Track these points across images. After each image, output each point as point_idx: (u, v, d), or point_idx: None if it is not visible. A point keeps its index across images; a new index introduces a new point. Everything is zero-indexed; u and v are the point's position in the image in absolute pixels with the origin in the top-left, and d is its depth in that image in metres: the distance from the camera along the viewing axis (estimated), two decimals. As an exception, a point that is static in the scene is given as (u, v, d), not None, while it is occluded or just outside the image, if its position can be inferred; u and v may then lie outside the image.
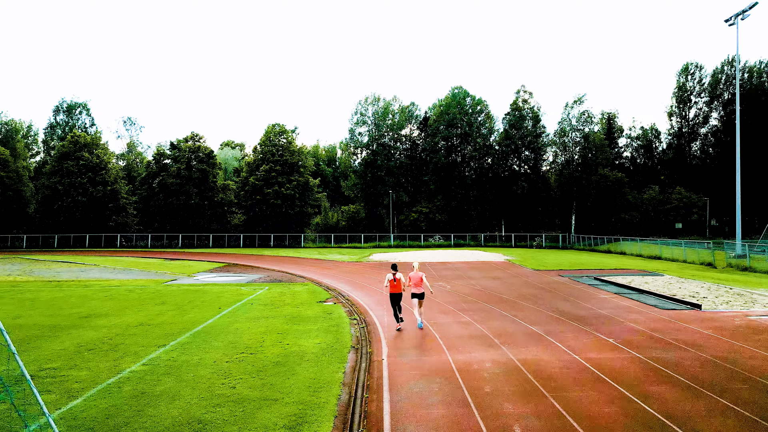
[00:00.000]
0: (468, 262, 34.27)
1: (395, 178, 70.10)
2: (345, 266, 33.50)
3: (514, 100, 71.71)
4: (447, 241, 60.02)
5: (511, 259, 36.56)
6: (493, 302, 18.31)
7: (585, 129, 69.53)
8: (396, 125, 71.75)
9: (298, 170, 62.50)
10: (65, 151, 58.27)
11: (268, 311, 16.70)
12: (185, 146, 60.12)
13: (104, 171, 58.39)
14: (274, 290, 21.96)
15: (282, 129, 63.04)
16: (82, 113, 70.85)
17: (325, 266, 33.71)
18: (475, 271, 29.16)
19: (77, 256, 42.73)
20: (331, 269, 31.57)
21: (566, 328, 13.79)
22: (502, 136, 71.61)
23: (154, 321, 14.98)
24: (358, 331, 13.85)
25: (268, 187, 59.34)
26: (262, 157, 61.93)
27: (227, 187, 63.65)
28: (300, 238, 60.08)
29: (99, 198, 57.34)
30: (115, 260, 38.55)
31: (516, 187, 67.94)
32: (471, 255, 39.19)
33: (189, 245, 58.10)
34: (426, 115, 76.61)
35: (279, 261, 38.52)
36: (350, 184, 72.95)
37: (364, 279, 26.25)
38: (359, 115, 72.68)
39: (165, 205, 58.68)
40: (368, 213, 71.78)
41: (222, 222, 62.28)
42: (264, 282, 25.06)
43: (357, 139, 72.75)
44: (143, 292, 21.28)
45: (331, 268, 31.97)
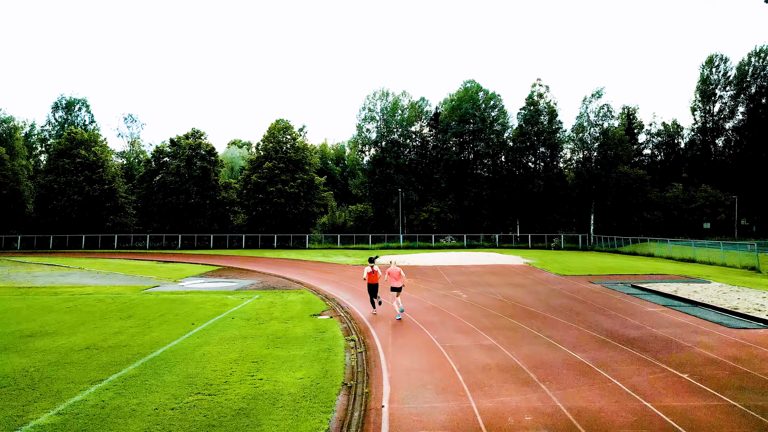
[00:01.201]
0: (484, 266, 31.24)
1: (405, 176, 67.17)
2: (349, 270, 30.63)
3: (530, 95, 68.56)
4: (459, 242, 56.96)
5: (531, 263, 33.45)
6: (519, 317, 15.34)
7: (604, 124, 66.13)
8: (405, 121, 68.80)
9: (303, 168, 59.77)
10: (61, 149, 56.09)
11: (249, 328, 13.89)
12: (185, 143, 57.66)
13: (101, 169, 56.08)
14: (264, 299, 19.17)
15: (286, 125, 60.36)
16: (82, 110, 68.86)
17: (327, 270, 30.88)
18: (494, 277, 26.15)
19: (66, 259, 40.34)
20: (333, 274, 28.73)
21: (619, 356, 10.81)
22: (516, 132, 68.43)
23: (107, 342, 12.22)
24: (354, 358, 10.98)
25: (271, 186, 56.68)
26: (266, 154, 59.29)
27: (229, 186, 61.13)
28: (305, 238, 57.38)
29: (95, 197, 55.04)
30: (104, 263, 36.05)
31: (532, 186, 64.71)
32: (486, 257, 36.17)
33: (189, 246, 55.62)
34: (437, 110, 73.62)
35: (278, 264, 35.78)
36: (358, 183, 70.12)
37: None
38: (367, 110, 69.85)
39: (164, 205, 56.26)
40: (376, 212, 68.92)
41: (223, 222, 59.76)
42: (255, 289, 22.28)
43: (365, 135, 69.92)
44: (114, 302, 18.59)
45: (334, 273, 29.14)
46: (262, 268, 31.91)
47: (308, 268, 32.01)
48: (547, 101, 68.33)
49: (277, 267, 33.21)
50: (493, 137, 68.05)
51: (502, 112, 69.80)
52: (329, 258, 41.01)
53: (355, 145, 71.02)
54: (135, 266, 33.09)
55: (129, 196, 59.79)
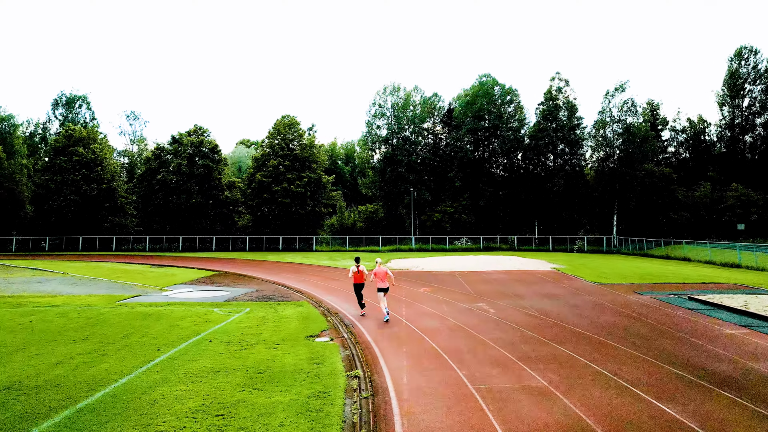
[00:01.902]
0: (508, 272, 28.09)
1: (417, 174, 64.10)
2: None
3: (548, 89, 65.21)
4: (475, 244, 53.78)
5: (559, 268, 30.17)
6: (567, 342, 12.24)
7: (628, 120, 62.57)
8: (417, 117, 65.75)
9: (310, 166, 56.96)
10: (58, 146, 53.83)
11: (227, 356, 10.99)
12: (187, 140, 55.10)
13: (100, 167, 53.67)
14: (254, 314, 16.27)
15: (292, 121, 57.57)
16: (82, 107, 66.65)
17: (332, 277, 27.92)
18: (522, 286, 23.00)
19: (56, 262, 37.84)
20: (339, 281, 25.76)
21: (726, 409, 7.70)
22: (534, 129, 65.07)
23: (39, 378, 9.36)
24: (356, 406, 8.01)
25: (276, 185, 53.91)
26: (271, 151, 56.57)
27: (233, 185, 58.48)
28: (311, 240, 54.56)
29: (93, 197, 52.65)
30: (93, 267, 33.44)
31: (551, 185, 61.31)
32: (508, 262, 33.00)
33: (190, 248, 53.02)
34: (450, 106, 70.47)
35: (280, 269, 32.93)
36: (368, 182, 67.16)
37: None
38: (377, 106, 66.89)
39: (164, 205, 53.75)
40: (387, 213, 65.94)
41: (227, 223, 57.13)
42: (248, 300, 19.39)
43: (375, 133, 66.97)
44: (78, 317, 15.79)
45: (340, 280, 26.16)
46: (262, 274, 29.05)
47: (312, 274, 29.09)
48: (567, 96, 64.96)
49: (278, 272, 30.34)
50: (510, 134, 64.84)
51: (519, 107, 66.54)
52: (336, 262, 38.07)
53: (365, 143, 68.07)
54: (124, 271, 30.40)
55: (129, 196, 57.39)
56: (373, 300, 17.95)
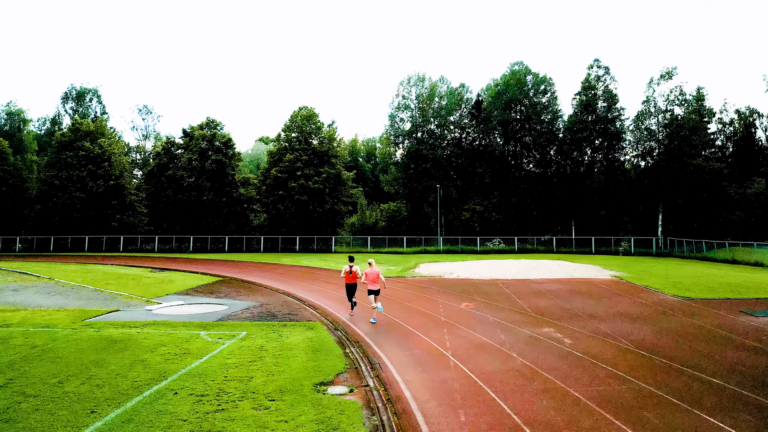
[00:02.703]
0: (560, 281, 23.69)
1: (443, 170, 59.75)
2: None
3: (586, 77, 60.16)
4: (509, 246, 49.25)
5: (621, 276, 25.50)
6: (708, 403, 7.96)
7: (675, 110, 57.24)
8: (444, 109, 61.42)
9: (329, 161, 53.11)
10: (64, 141, 50.99)
11: (193, 425, 7.07)
12: (199, 134, 51.75)
13: (107, 163, 50.64)
14: (251, 341, 12.37)
15: (310, 113, 53.74)
16: (93, 100, 64.04)
17: (353, 284, 23.90)
18: (587, 300, 18.62)
19: (51, 264, 34.65)
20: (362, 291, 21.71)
21: None
22: (570, 121, 60.14)
23: None
24: None
25: (292, 180, 50.18)
26: (287, 145, 52.85)
27: (248, 182, 54.97)
28: (330, 241, 50.73)
29: (100, 194, 49.60)
30: (87, 271, 30.06)
31: (590, 181, 56.39)
32: (556, 267, 28.52)
33: (201, 249, 49.63)
34: (478, 98, 65.87)
35: (293, 274, 29.06)
36: (390, 178, 63.08)
37: (412, 315, 16.29)
38: (401, 98, 62.74)
39: (174, 203, 50.49)
40: (411, 211, 61.78)
41: (240, 222, 53.61)
42: (248, 318, 15.50)
43: (398, 126, 62.83)
44: (23, 344, 12.10)
45: (363, 290, 22.09)
46: (272, 281, 25.19)
47: (330, 281, 25.12)
48: (606, 85, 59.83)
49: (291, 279, 26.47)
50: (544, 126, 60.08)
51: (554, 98, 61.68)
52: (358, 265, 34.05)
53: (388, 137, 63.96)
54: (118, 276, 26.87)
55: (139, 194, 54.32)
56: (363, 301, 17.16)
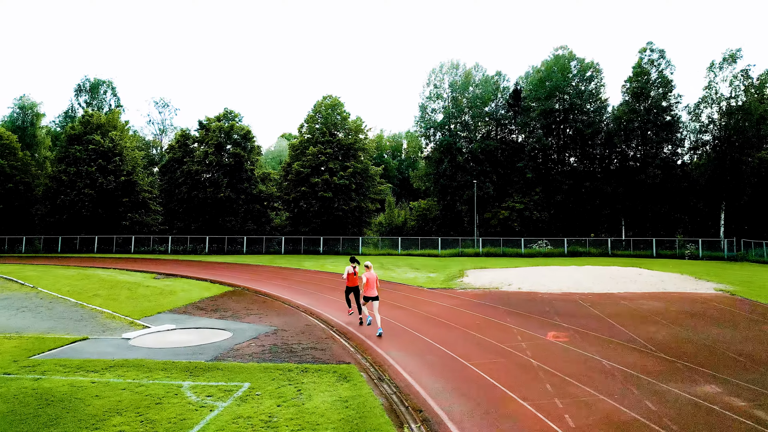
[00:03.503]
0: (654, 295, 18.65)
1: (479, 165, 54.75)
2: (427, 302, 18.76)
3: (637, 62, 54.45)
4: (557, 248, 44.01)
5: (727, 290, 20.27)
6: None
7: (740, 97, 51.16)
8: (479, 99, 56.45)
9: (356, 154, 48.68)
10: (74, 134, 47.69)
11: None
12: (215, 125, 47.89)
13: (118, 157, 47.12)
14: (254, 405, 7.91)
15: (335, 102, 49.34)
16: (107, 93, 60.96)
17: (391, 298, 19.30)
18: (717, 328, 13.60)
19: (47, 268, 30.95)
20: (404, 309, 17.15)
21: None
22: (620, 110, 54.56)
23: None
24: None
25: (316, 175, 45.88)
26: (310, 138, 48.57)
27: (268, 177, 50.92)
28: (357, 242, 46.28)
29: (110, 191, 46.08)
30: (82, 277, 26.17)
31: (645, 176, 50.77)
32: (636, 276, 23.25)
33: (217, 251, 45.72)
34: (516, 86, 60.60)
35: (318, 282, 24.63)
36: (420, 174, 58.37)
37: (486, 353, 11.62)
38: (433, 87, 57.97)
39: (189, 200, 46.70)
40: (443, 210, 56.96)
41: (260, 221, 49.56)
42: (255, 357, 11.00)
43: (430, 117, 58.06)
44: None
45: (405, 307, 17.52)
46: (291, 293, 20.77)
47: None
48: (661, 70, 54.01)
49: (315, 288, 22.03)
50: (591, 117, 54.66)
51: (601, 85, 56.15)
52: (391, 271, 29.49)
53: (418, 130, 59.22)
54: (112, 285, 22.82)
55: (153, 190, 50.75)
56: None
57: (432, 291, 20.72)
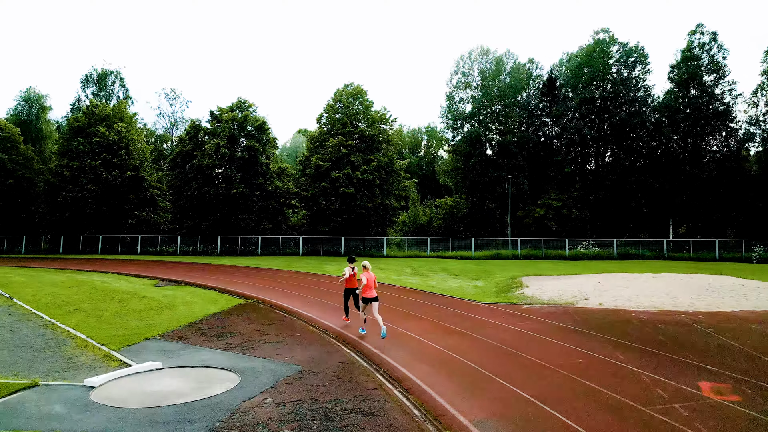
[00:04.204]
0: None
1: (512, 159, 50.47)
2: (490, 324, 14.53)
3: (687, 46, 49.93)
4: (605, 249, 39.58)
5: None
6: None
7: (804, 82, 46.27)
8: (511, 88, 52.20)
9: (379, 147, 44.74)
10: (78, 126, 44.52)
11: None
12: (228, 116, 44.33)
13: (124, 150, 43.79)
14: None
15: (357, 90, 45.44)
16: (115, 84, 57.84)
17: (440, 317, 15.30)
18: None
19: (37, 272, 27.54)
20: (463, 335, 13.10)
21: None
22: (669, 98, 49.99)
23: None
24: None
25: (337, 170, 42.06)
26: (330, 129, 44.75)
27: (284, 172, 47.23)
28: (381, 242, 42.39)
29: (115, 187, 42.79)
30: (73, 283, 22.63)
31: (698, 170, 46.16)
32: (738, 287, 18.58)
33: (230, 252, 42.18)
34: (551, 74, 56.24)
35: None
36: (448, 169, 54.28)
37: (626, 426, 7.58)
38: (460, 75, 53.88)
39: (199, 196, 43.21)
40: (472, 208, 52.85)
41: (276, 220, 45.90)
42: (270, 430, 7.14)
43: (457, 108, 53.95)
44: None
45: (463, 332, 13.44)
46: (316, 309, 16.89)
47: (400, 306, 16.60)
48: (712, 55, 49.28)
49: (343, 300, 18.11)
50: (634, 106, 50.17)
51: (646, 72, 51.52)
52: (426, 278, 25.51)
53: (444, 121, 55.10)
54: (102, 296, 19.18)
55: (161, 186, 47.39)
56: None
57: (490, 307, 16.69)
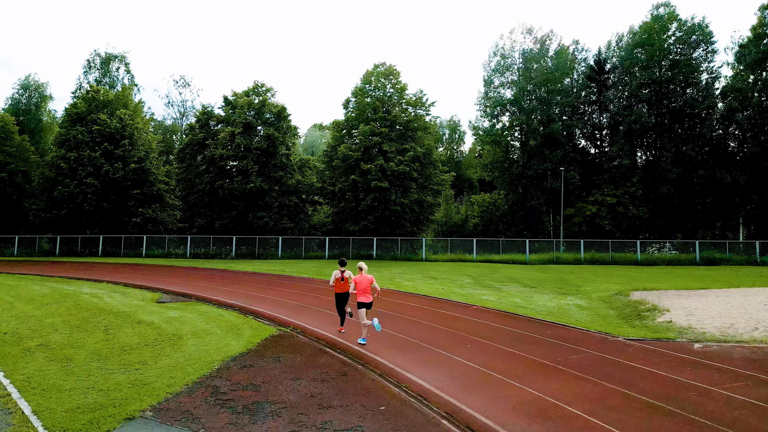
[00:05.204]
0: None
1: (558, 150, 44.98)
2: (656, 377, 9.44)
3: (758, 22, 44.13)
4: (684, 253, 34.09)
5: None
6: None
7: None
8: (557, 71, 46.75)
9: (414, 135, 39.50)
10: (76, 113, 39.83)
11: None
12: (244, 101, 39.37)
13: (128, 141, 39.01)
14: None
15: (390, 70, 40.22)
16: (120, 69, 53.23)
17: (572, 364, 10.04)
18: None
19: (19, 281, 22.64)
20: (636, 401, 7.85)
21: None
22: (737, 79, 44.32)
23: None
24: None
25: (367, 161, 36.95)
26: (358, 114, 39.60)
27: (306, 165, 42.20)
28: (420, 243, 37.20)
29: (117, 180, 38.03)
30: (56, 297, 17.67)
31: (778, 161, 40.51)
32: None
33: (247, 254, 37.19)
34: (599, 57, 50.63)
35: (417, 314, 15.46)
36: (486, 162, 48.92)
37: None
38: (500, 57, 48.47)
39: (211, 192, 38.34)
40: (513, 205, 47.46)
41: (297, 218, 40.87)
42: None
43: (496, 94, 48.56)
44: None
45: (635, 395, 8.19)
46: (387, 349, 11.65)
47: (500, 341, 11.33)
48: (788, 31, 43.50)
49: (427, 337, 12.80)
50: (699, 90, 44.59)
51: (712, 51, 45.79)
52: (498, 292, 20.26)
53: (481, 108, 49.73)
54: (88, 315, 14.18)
55: (169, 181, 42.59)
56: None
57: (641, 345, 11.37)
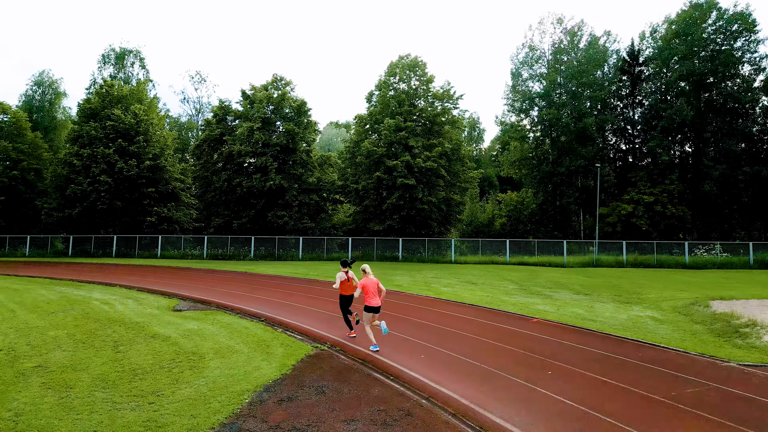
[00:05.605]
0: None
1: (589, 145, 42.70)
2: None
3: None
4: (737, 255, 31.68)
5: None
6: None
7: None
8: (590, 63, 44.43)
9: (441, 130, 37.51)
10: (90, 108, 38.47)
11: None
12: (262, 96, 37.68)
13: (142, 137, 37.54)
14: None
15: (415, 62, 38.28)
16: (135, 64, 51.94)
17: (685, 400, 7.97)
18: None
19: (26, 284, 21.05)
20: None
21: None
22: (785, 71, 41.62)
23: None
24: None
25: (392, 157, 35.06)
26: (382, 108, 37.71)
27: (327, 161, 40.42)
28: (449, 244, 35.20)
29: (132, 178, 36.56)
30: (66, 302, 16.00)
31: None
32: None
33: (266, 256, 35.43)
34: (632, 49, 48.12)
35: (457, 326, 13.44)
36: (514, 158, 46.76)
37: None
38: (528, 49, 46.32)
39: (229, 190, 36.70)
40: (543, 204, 45.24)
41: (317, 218, 39.10)
42: None
43: (525, 87, 46.37)
44: None
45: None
46: (450, 377, 9.66)
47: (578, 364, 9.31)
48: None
49: (493, 361, 10.79)
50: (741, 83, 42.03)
51: (755, 41, 43.15)
52: (550, 300, 18.14)
53: (509, 102, 47.55)
54: (96, 328, 12.47)
55: (185, 179, 41.06)
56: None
57: (748, 371, 9.27)
